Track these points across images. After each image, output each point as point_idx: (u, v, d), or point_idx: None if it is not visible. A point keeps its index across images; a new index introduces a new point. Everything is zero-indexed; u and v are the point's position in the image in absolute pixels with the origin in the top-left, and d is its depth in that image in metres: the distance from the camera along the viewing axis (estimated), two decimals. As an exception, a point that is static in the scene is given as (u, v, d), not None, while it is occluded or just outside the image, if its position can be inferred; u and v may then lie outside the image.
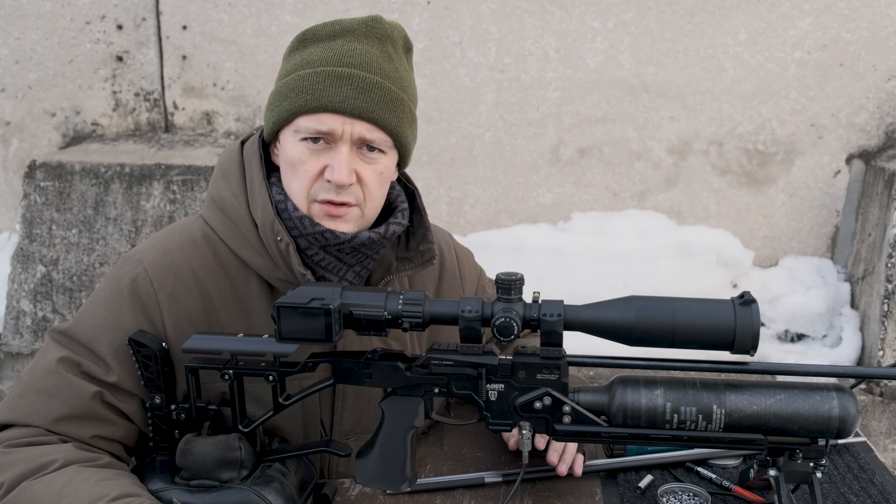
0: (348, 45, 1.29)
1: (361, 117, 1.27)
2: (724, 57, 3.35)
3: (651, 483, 1.39)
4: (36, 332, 3.31)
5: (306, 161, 1.29)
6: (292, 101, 1.28)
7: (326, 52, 1.29)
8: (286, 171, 1.33)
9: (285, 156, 1.32)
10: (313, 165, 1.29)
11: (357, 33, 1.30)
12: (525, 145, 3.53)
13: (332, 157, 1.29)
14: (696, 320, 1.07)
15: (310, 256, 1.33)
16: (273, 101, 1.32)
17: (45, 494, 1.14)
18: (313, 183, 1.30)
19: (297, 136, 1.29)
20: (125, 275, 1.32)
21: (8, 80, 3.72)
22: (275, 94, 1.32)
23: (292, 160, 1.30)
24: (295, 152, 1.30)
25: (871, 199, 3.26)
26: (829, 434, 1.09)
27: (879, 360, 2.94)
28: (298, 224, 1.31)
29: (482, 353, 1.16)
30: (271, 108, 1.33)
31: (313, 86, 1.27)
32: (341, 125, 1.27)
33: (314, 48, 1.31)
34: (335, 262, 1.34)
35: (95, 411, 1.26)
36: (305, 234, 1.31)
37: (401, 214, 1.41)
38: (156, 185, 3.28)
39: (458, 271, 1.61)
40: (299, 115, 1.28)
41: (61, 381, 1.25)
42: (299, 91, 1.27)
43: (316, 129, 1.28)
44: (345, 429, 1.43)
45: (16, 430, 1.24)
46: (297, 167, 1.30)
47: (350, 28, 1.30)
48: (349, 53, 1.29)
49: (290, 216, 1.31)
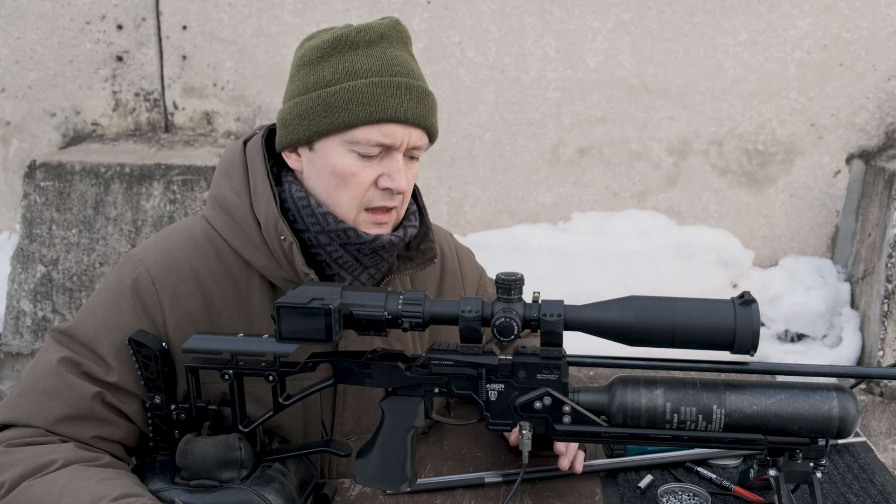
0: (390, 52, 1.29)
1: (419, 125, 1.29)
2: (724, 57, 3.35)
3: (651, 483, 1.39)
4: (36, 332, 3.31)
5: (359, 173, 1.29)
6: (351, 112, 1.26)
7: (373, 61, 1.28)
8: (329, 181, 1.31)
9: (329, 166, 1.30)
10: (367, 176, 1.29)
11: (391, 39, 1.30)
12: (525, 145, 3.53)
13: (387, 165, 1.30)
14: (696, 320, 1.07)
15: (328, 253, 1.33)
16: (317, 109, 1.28)
17: (46, 494, 1.14)
18: (366, 192, 1.30)
19: (350, 146, 1.28)
20: (127, 274, 1.31)
21: (8, 80, 3.72)
22: (318, 102, 1.28)
23: (342, 172, 1.29)
24: (346, 164, 1.29)
25: (871, 199, 3.27)
26: (829, 434, 1.09)
27: (879, 360, 2.94)
28: (321, 220, 1.31)
29: (482, 353, 1.16)
30: (313, 116, 1.29)
31: (374, 97, 1.26)
32: (401, 135, 1.28)
33: (354, 56, 1.28)
34: (352, 262, 1.35)
35: (96, 412, 1.26)
36: (327, 229, 1.31)
37: (413, 217, 1.42)
38: (156, 185, 3.28)
39: (460, 271, 1.62)
40: (358, 127, 1.27)
41: (62, 381, 1.25)
42: (359, 102, 1.25)
43: (377, 142, 1.27)
44: (345, 429, 1.43)
45: (16, 430, 1.24)
46: (348, 179, 1.29)
47: (382, 33, 1.29)
48: (395, 62, 1.29)
49: (313, 212, 1.31)
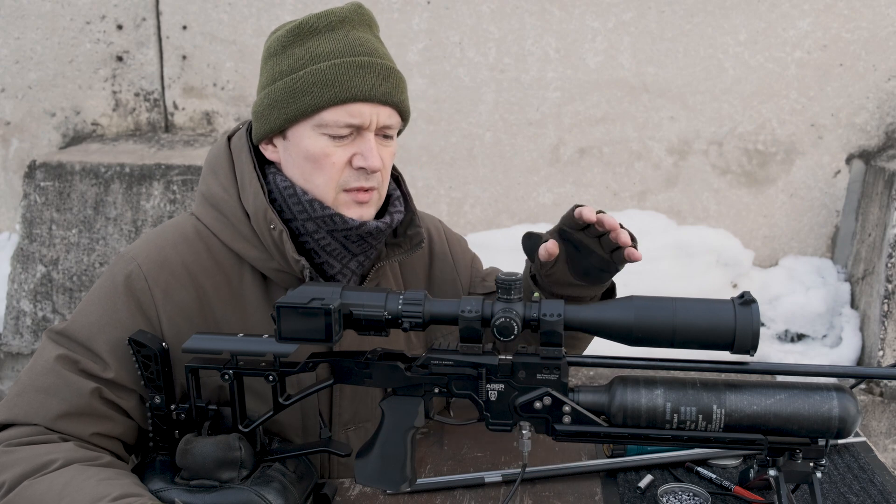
0: (352, 34, 1.30)
1: (386, 103, 1.30)
2: (724, 57, 3.35)
3: (651, 483, 1.39)
4: (36, 332, 3.31)
5: (331, 154, 1.30)
6: (316, 95, 1.27)
7: (336, 44, 1.29)
8: (304, 166, 1.32)
9: (303, 151, 1.31)
10: (340, 157, 1.30)
11: (353, 22, 1.31)
12: (525, 145, 3.53)
13: (359, 145, 1.30)
14: (696, 320, 1.07)
15: (316, 241, 1.34)
16: (284, 96, 1.30)
17: (46, 494, 1.14)
18: (342, 173, 1.31)
19: (320, 130, 1.29)
20: (119, 272, 1.32)
21: (8, 80, 3.72)
22: (284, 89, 1.30)
23: (315, 155, 1.30)
24: (317, 147, 1.30)
25: (871, 199, 3.27)
26: (829, 434, 1.09)
27: (879, 360, 2.94)
28: (308, 207, 1.31)
29: (482, 353, 1.16)
30: (281, 104, 1.30)
31: (338, 77, 1.27)
32: (370, 114, 1.29)
33: (317, 41, 1.30)
34: (340, 249, 1.35)
35: (94, 408, 1.26)
36: (314, 216, 1.31)
37: (398, 202, 1.42)
38: (156, 185, 3.28)
39: (450, 255, 1.61)
40: (325, 109, 1.28)
41: (59, 378, 1.25)
42: (323, 84, 1.27)
43: (346, 122, 1.28)
44: (343, 419, 1.43)
45: (16, 429, 1.24)
46: (321, 161, 1.30)
47: (344, 17, 1.31)
48: (357, 42, 1.30)
49: (299, 199, 1.32)
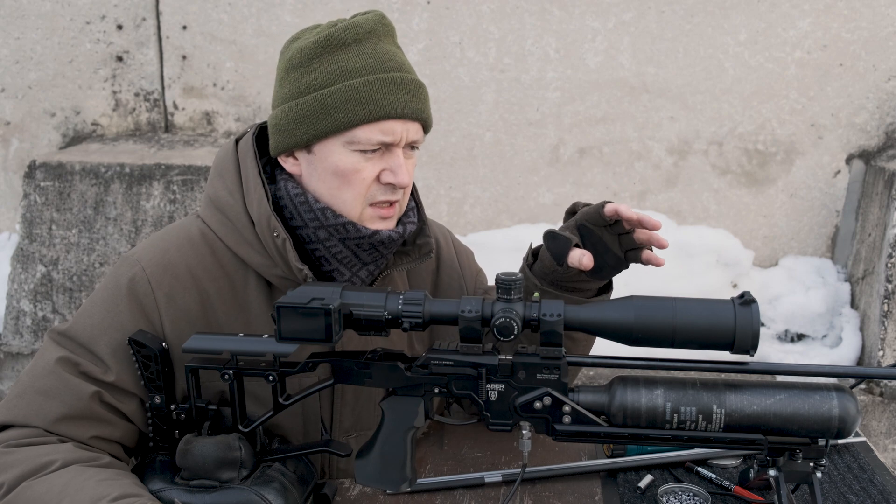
0: (380, 47, 1.29)
1: (416, 119, 1.30)
2: (724, 57, 3.35)
3: (651, 483, 1.39)
4: (36, 332, 3.31)
5: (362, 170, 1.29)
6: (349, 112, 1.26)
7: (366, 59, 1.28)
8: (332, 181, 1.31)
9: (331, 166, 1.30)
10: (370, 172, 1.30)
11: (379, 34, 1.30)
12: (525, 145, 3.53)
13: (388, 160, 1.30)
14: (696, 320, 1.07)
15: (328, 248, 1.33)
16: (314, 111, 1.28)
17: (45, 494, 1.14)
18: (369, 188, 1.31)
19: (350, 146, 1.28)
20: (123, 274, 1.32)
21: (8, 80, 3.72)
22: (315, 104, 1.28)
23: (345, 171, 1.29)
24: (348, 163, 1.29)
25: (871, 199, 3.27)
26: (829, 434, 1.09)
27: (879, 360, 2.94)
28: (320, 215, 1.31)
29: (482, 353, 1.16)
30: (310, 119, 1.28)
31: (372, 95, 1.26)
32: (401, 131, 1.29)
33: (345, 55, 1.28)
34: (351, 257, 1.35)
35: (94, 411, 1.26)
36: (326, 224, 1.31)
37: (412, 213, 1.42)
38: (156, 185, 3.28)
39: (458, 264, 1.61)
40: (358, 127, 1.27)
41: (60, 381, 1.25)
42: (357, 101, 1.26)
43: (378, 140, 1.28)
44: (345, 426, 1.43)
45: (15, 430, 1.24)
46: (350, 176, 1.29)
47: (370, 29, 1.29)
48: (387, 57, 1.29)
49: (311, 207, 1.31)
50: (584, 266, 1.30)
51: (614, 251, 1.34)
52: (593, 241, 1.35)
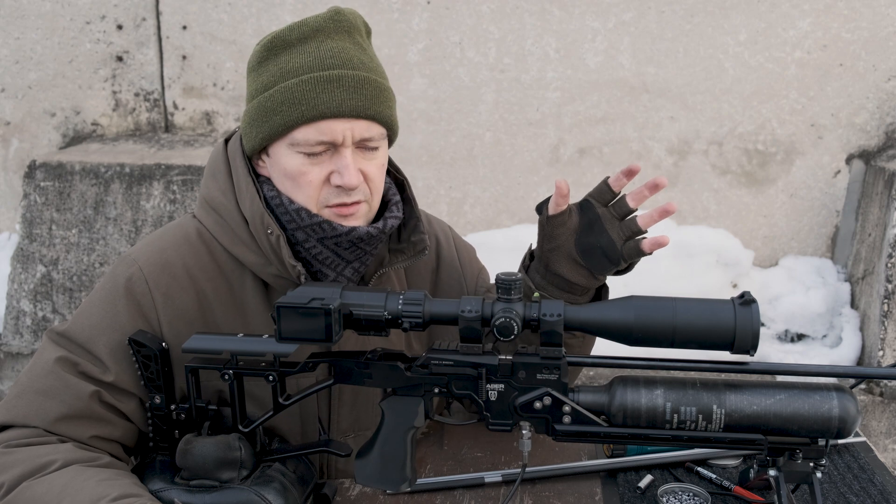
0: (324, 45, 1.27)
1: (360, 116, 1.26)
2: (724, 57, 3.35)
3: (651, 483, 1.39)
4: (36, 332, 3.31)
5: (308, 172, 1.27)
6: (285, 114, 1.25)
7: (306, 58, 1.26)
8: (285, 183, 1.30)
9: (282, 169, 1.29)
10: (317, 175, 1.28)
11: (327, 31, 1.27)
12: (525, 145, 3.53)
13: (336, 162, 1.28)
14: (696, 320, 1.07)
15: (307, 250, 1.32)
16: (258, 115, 1.28)
17: (45, 495, 1.14)
18: (320, 191, 1.29)
19: (294, 149, 1.27)
20: (121, 274, 1.32)
21: (8, 80, 3.72)
22: (258, 108, 1.28)
23: (292, 173, 1.28)
24: (293, 165, 1.28)
25: (871, 199, 3.27)
26: (829, 434, 1.09)
27: (879, 360, 2.94)
28: (295, 217, 1.30)
29: (482, 353, 1.16)
30: (257, 123, 1.28)
31: (305, 95, 1.24)
32: (342, 130, 1.26)
33: (288, 55, 1.27)
34: (333, 257, 1.33)
35: (94, 411, 1.26)
36: (302, 225, 1.30)
37: (395, 207, 1.40)
38: (156, 185, 3.28)
39: (458, 262, 1.59)
40: (295, 128, 1.25)
41: (59, 380, 1.25)
42: (291, 103, 1.24)
43: (317, 140, 1.25)
44: (342, 426, 1.43)
45: (15, 430, 1.24)
46: (298, 179, 1.28)
47: (318, 27, 1.27)
48: (329, 54, 1.26)
49: (287, 209, 1.30)
50: (559, 205, 1.30)
51: (611, 234, 1.32)
52: (591, 218, 1.33)
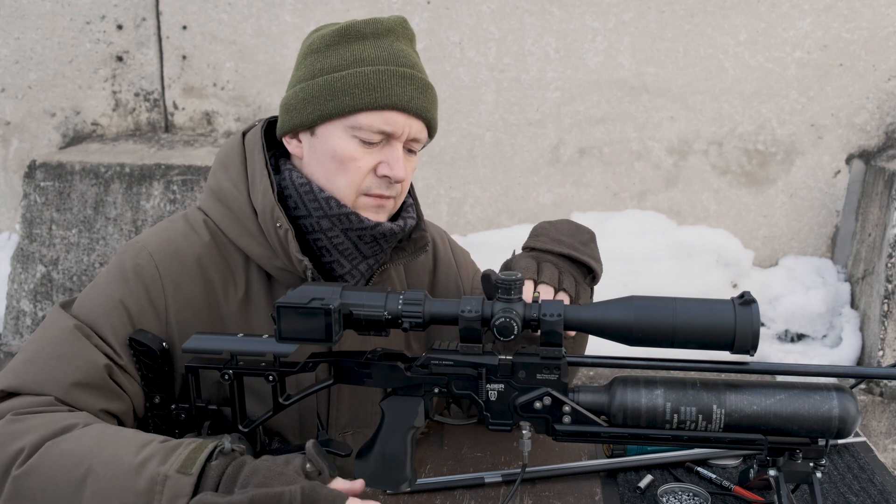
0: (396, 45, 1.32)
1: (420, 116, 1.31)
2: (724, 57, 3.35)
3: (651, 483, 1.39)
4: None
5: (359, 158, 1.31)
6: (356, 96, 1.28)
7: (381, 51, 1.30)
8: (328, 164, 1.32)
9: (330, 150, 1.31)
10: (367, 162, 1.31)
11: (397, 34, 1.33)
12: (525, 145, 3.53)
13: (386, 153, 1.32)
14: (696, 320, 1.07)
15: (329, 238, 1.34)
16: (322, 93, 1.30)
17: (79, 448, 1.08)
18: (364, 179, 1.32)
19: (352, 132, 1.30)
20: (129, 259, 1.31)
21: (8, 80, 3.72)
22: (324, 86, 1.30)
23: (341, 156, 1.30)
24: (347, 149, 1.30)
25: (871, 199, 3.27)
26: (829, 434, 1.09)
27: (879, 360, 2.94)
28: (324, 204, 1.32)
29: (482, 353, 1.16)
30: (318, 100, 1.30)
31: (380, 83, 1.28)
32: (403, 124, 1.30)
33: (362, 45, 1.30)
34: (352, 249, 1.35)
35: (106, 383, 1.23)
36: (329, 214, 1.32)
37: (411, 209, 1.43)
38: (156, 185, 3.28)
39: (455, 263, 1.63)
40: (362, 112, 1.28)
41: (76, 346, 1.22)
42: (365, 87, 1.27)
43: (379, 129, 1.29)
44: (341, 423, 1.43)
45: (24, 398, 1.18)
46: (347, 163, 1.31)
47: (390, 28, 1.32)
48: (402, 54, 1.31)
49: (315, 196, 1.32)
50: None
51: None
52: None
